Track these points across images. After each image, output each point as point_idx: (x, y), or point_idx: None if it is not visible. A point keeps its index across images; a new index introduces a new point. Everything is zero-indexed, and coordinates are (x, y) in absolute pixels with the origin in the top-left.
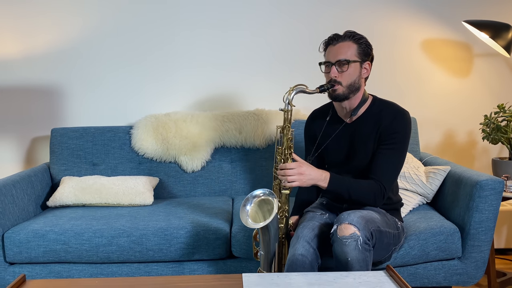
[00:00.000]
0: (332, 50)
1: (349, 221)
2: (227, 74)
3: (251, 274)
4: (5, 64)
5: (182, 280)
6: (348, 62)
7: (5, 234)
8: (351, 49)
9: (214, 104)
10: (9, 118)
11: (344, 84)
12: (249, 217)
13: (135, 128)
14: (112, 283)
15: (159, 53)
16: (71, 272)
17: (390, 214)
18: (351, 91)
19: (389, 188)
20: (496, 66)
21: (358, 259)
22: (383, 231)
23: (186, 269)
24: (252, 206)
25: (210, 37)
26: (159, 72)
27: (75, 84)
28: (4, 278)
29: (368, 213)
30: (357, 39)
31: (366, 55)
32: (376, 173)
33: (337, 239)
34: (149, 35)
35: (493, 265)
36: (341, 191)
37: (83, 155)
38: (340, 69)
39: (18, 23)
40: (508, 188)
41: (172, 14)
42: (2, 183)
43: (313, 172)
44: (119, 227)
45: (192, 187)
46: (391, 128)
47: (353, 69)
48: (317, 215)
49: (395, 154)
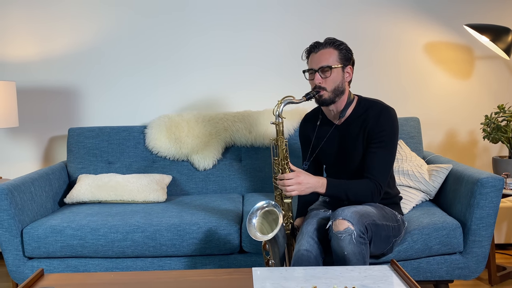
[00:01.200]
0: (314, 58)
1: (343, 217)
2: (238, 76)
3: (261, 268)
4: (25, 67)
5: (194, 274)
6: (330, 68)
7: (24, 230)
8: (333, 55)
9: (225, 104)
10: (28, 118)
11: (329, 89)
12: (257, 231)
13: (149, 128)
14: (127, 277)
15: (172, 56)
16: (88, 266)
17: (389, 207)
18: (336, 95)
19: (384, 184)
20: (496, 68)
21: (354, 252)
22: (380, 224)
23: (198, 263)
24: (257, 219)
25: (220, 40)
26: (172, 74)
27: (91, 85)
28: (23, 272)
29: (363, 207)
30: (338, 45)
31: (347, 60)
32: (370, 171)
33: (333, 234)
34: (163, 39)
35: (494, 259)
36: (339, 194)
37: (99, 153)
38: (323, 75)
39: (38, 28)
40: (508, 186)
41: (184, 19)
42: (21, 181)
43: (311, 180)
44: (133, 223)
45: (204, 184)
46: (378, 126)
47: (335, 74)
48: (320, 212)
49: (385, 151)
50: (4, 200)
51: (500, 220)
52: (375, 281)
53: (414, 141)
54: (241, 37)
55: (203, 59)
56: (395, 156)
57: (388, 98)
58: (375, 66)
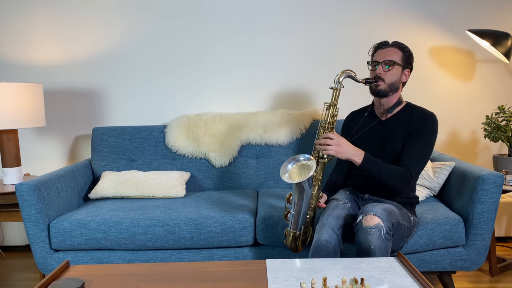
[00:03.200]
0: (381, 53)
1: (374, 213)
2: (252, 78)
3: (274, 260)
4: (51, 70)
5: (211, 266)
6: (393, 63)
7: (51, 224)
8: (397, 54)
9: (241, 105)
10: (54, 118)
11: (387, 82)
12: (288, 174)
13: (169, 127)
14: (147, 268)
15: (191, 59)
16: (111, 258)
17: (405, 208)
18: (391, 90)
19: (416, 176)
20: (497, 71)
21: (380, 247)
22: (401, 223)
23: (214, 255)
24: (293, 166)
25: (237, 44)
26: (191, 76)
27: (114, 87)
28: (50, 263)
29: (389, 206)
30: (402, 48)
31: (408, 63)
32: (404, 161)
33: (362, 228)
34: (182, 44)
35: (494, 251)
36: (372, 169)
37: (121, 152)
38: (385, 69)
39: (63, 32)
40: (508, 182)
41: (203, 25)
42: (48, 178)
43: (349, 147)
44: (154, 217)
45: (220, 181)
46: (420, 125)
47: (395, 71)
48: (340, 204)
49: (422, 145)
50: (32, 196)
51: (500, 215)
52: (383, 272)
53: None
54: (256, 43)
55: (219, 63)
56: (430, 155)
57: None
58: None
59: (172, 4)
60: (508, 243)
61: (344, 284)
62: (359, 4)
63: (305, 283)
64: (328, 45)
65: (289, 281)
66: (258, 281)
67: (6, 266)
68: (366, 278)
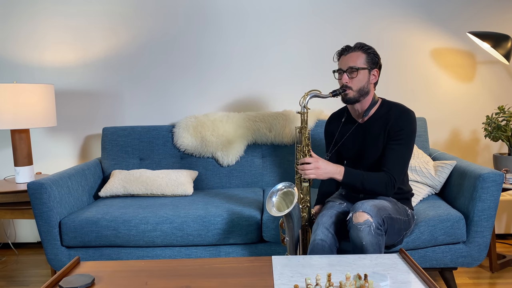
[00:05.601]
0: (344, 59)
1: (363, 209)
2: (258, 79)
3: (280, 256)
4: (62, 70)
5: (218, 262)
6: (357, 69)
7: (62, 221)
8: (360, 58)
9: (247, 105)
10: (65, 118)
11: (355, 88)
12: (274, 207)
13: (177, 127)
14: (156, 264)
15: (199, 61)
16: (120, 255)
17: (401, 202)
18: (361, 95)
19: (399, 179)
20: (497, 72)
21: (372, 242)
22: (394, 218)
23: (222, 252)
24: (277, 197)
25: (243, 47)
26: (198, 78)
27: (124, 88)
28: (61, 260)
29: (380, 202)
30: (366, 49)
31: (374, 64)
32: (386, 165)
33: (353, 225)
34: (190, 47)
35: (494, 248)
36: (355, 183)
37: (130, 151)
38: (350, 76)
39: (74, 35)
40: (508, 180)
41: (210, 28)
42: (59, 176)
43: (328, 166)
44: (162, 214)
45: (227, 179)
46: (398, 125)
47: (362, 76)
48: (336, 204)
49: (402, 149)
50: (43, 194)
51: (500, 212)
52: (385, 268)
53: (421, 139)
54: (261, 45)
55: (226, 65)
56: (411, 155)
57: (397, 99)
58: (386, 70)
59: (182, 5)
60: (508, 240)
61: (348, 280)
62: (362, 7)
63: (310, 279)
64: (331, 47)
65: (294, 277)
66: (264, 277)
67: (19, 263)
68: (369, 274)
